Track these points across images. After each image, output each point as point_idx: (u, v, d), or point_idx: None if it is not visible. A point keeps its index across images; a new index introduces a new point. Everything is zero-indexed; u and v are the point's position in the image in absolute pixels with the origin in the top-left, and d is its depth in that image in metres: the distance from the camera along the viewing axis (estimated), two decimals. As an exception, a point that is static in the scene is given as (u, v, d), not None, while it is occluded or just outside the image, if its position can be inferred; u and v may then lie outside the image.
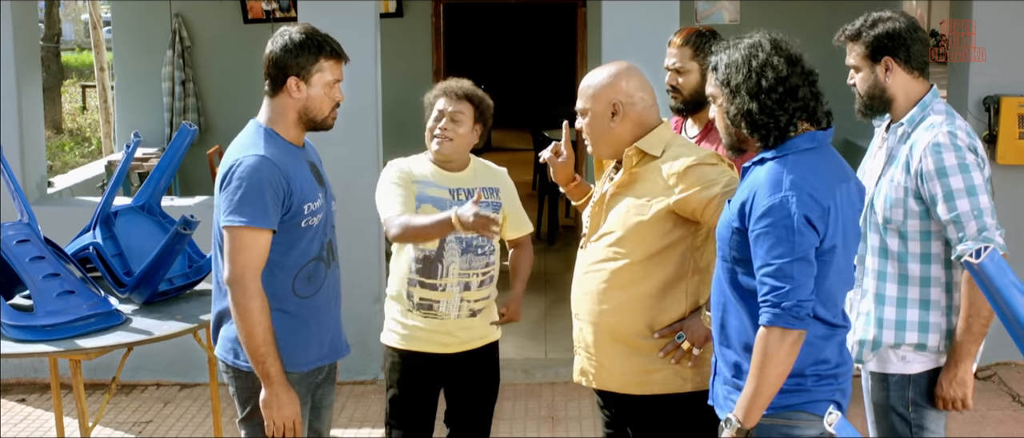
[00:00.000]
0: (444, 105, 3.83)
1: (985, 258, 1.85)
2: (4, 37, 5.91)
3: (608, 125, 3.40)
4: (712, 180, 3.22)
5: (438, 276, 3.80)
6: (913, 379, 3.31)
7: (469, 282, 3.84)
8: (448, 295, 3.82)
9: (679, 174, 3.26)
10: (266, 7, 9.33)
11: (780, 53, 2.82)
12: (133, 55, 9.67)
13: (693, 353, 3.31)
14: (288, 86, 3.27)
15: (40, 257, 3.97)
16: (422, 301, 3.82)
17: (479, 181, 3.92)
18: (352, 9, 5.81)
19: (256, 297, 3.17)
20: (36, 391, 6.07)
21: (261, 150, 3.21)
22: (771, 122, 2.81)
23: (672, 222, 3.28)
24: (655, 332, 3.33)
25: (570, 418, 5.63)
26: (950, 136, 3.18)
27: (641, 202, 3.31)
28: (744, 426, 2.78)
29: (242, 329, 3.19)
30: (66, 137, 16.66)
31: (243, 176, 3.17)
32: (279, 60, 3.27)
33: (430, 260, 3.79)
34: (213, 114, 9.63)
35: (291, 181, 3.23)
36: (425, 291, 3.81)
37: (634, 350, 3.37)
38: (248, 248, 3.16)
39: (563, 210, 10.19)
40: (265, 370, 3.20)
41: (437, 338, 3.86)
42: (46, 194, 6.49)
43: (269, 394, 3.23)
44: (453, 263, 3.79)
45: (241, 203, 3.16)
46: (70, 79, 21.40)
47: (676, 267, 3.32)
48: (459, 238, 3.77)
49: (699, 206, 3.22)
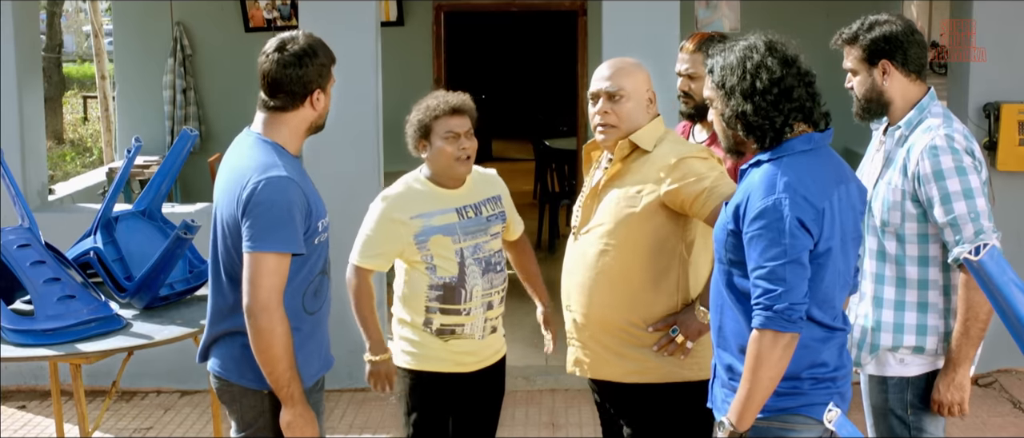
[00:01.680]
0: (457, 125, 3.69)
1: (984, 255, 1.86)
2: (5, 43, 5.93)
3: (645, 111, 3.44)
4: (702, 174, 3.26)
5: (462, 301, 3.71)
6: (911, 382, 3.31)
7: (491, 301, 3.79)
8: (473, 318, 3.74)
9: (669, 167, 3.29)
10: (267, 15, 9.35)
11: (775, 54, 2.83)
12: (134, 63, 9.68)
13: (687, 346, 3.35)
14: (312, 99, 3.21)
15: (41, 261, 3.97)
16: (444, 327, 3.72)
17: (479, 191, 3.84)
18: (353, 17, 5.81)
19: (282, 321, 3.09)
20: (36, 398, 6.07)
21: (282, 170, 3.11)
22: (766, 123, 2.81)
23: (663, 215, 3.31)
24: (649, 326, 3.36)
25: (571, 424, 5.62)
26: (947, 139, 3.18)
27: (632, 194, 3.34)
28: (738, 429, 2.78)
29: (268, 355, 3.10)
30: (67, 147, 16.68)
31: (271, 200, 3.06)
32: (304, 76, 3.17)
33: (452, 287, 3.69)
34: (214, 122, 9.64)
35: (310, 200, 3.17)
36: (448, 317, 3.71)
37: (626, 340, 3.40)
38: (274, 273, 3.07)
39: (564, 218, 10.17)
40: (290, 393, 3.14)
41: (458, 359, 3.78)
42: (47, 201, 6.50)
43: (293, 415, 3.17)
44: (476, 286, 3.71)
45: (270, 229, 3.05)
46: (71, 90, 21.44)
47: (666, 260, 3.35)
48: (478, 259, 3.71)
49: (688, 199, 3.25)
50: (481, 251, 3.75)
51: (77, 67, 25.50)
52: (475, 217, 3.76)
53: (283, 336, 3.10)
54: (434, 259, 3.67)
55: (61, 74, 17.61)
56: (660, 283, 3.36)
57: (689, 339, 3.34)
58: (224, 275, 3.21)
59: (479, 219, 3.77)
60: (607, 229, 3.38)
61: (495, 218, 3.83)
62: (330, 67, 3.25)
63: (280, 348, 3.09)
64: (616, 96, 3.41)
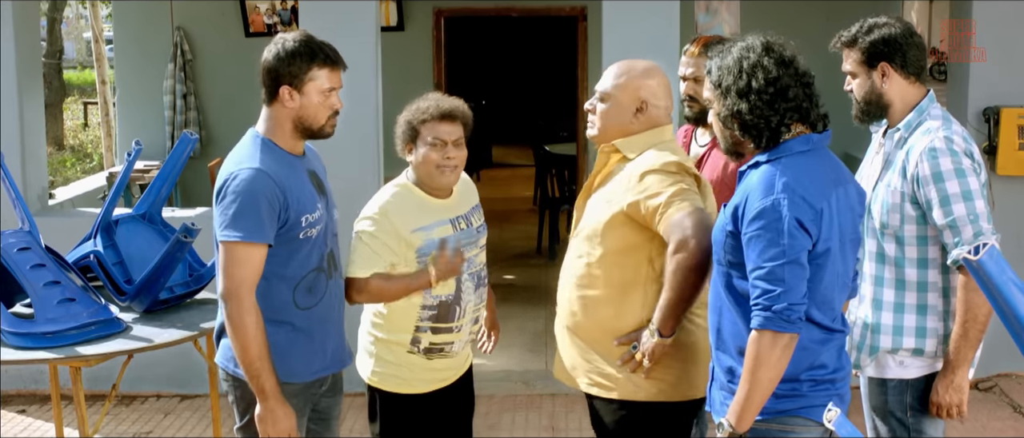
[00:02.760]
0: (445, 133, 3.54)
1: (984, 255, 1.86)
2: (5, 46, 5.93)
3: (629, 119, 3.37)
4: (657, 190, 3.16)
5: (455, 319, 3.62)
6: (911, 384, 3.31)
7: (479, 316, 3.75)
8: (462, 334, 3.67)
9: (635, 178, 3.23)
10: (268, 20, 9.36)
11: (771, 54, 2.83)
12: (135, 68, 9.69)
13: (644, 365, 3.25)
14: (281, 95, 3.24)
15: (41, 265, 3.96)
16: (433, 345, 3.61)
17: (465, 201, 3.75)
18: (353, 22, 5.82)
19: (251, 312, 3.14)
20: (36, 402, 6.06)
21: (257, 163, 3.18)
22: (761, 123, 2.81)
23: (628, 227, 3.25)
24: (615, 340, 3.31)
25: (570, 429, 5.62)
26: (946, 141, 3.19)
27: (605, 202, 3.31)
28: (737, 431, 2.78)
29: (237, 344, 3.16)
30: (68, 153, 16.69)
31: (238, 190, 3.14)
32: (272, 69, 3.23)
33: (447, 305, 3.58)
34: (214, 127, 9.64)
35: (287, 193, 3.19)
36: (439, 336, 3.61)
37: (589, 349, 3.37)
38: (243, 263, 3.13)
39: (564, 225, 10.18)
40: (260, 385, 3.18)
41: (441, 375, 3.71)
42: (47, 206, 6.50)
43: (264, 409, 3.21)
44: (470, 302, 3.65)
45: (236, 218, 3.13)
46: (72, 96, 21.45)
47: (632, 272, 3.28)
48: (471, 274, 3.64)
49: (647, 213, 3.18)
50: (474, 265, 3.66)
51: (77, 74, 25.54)
52: (467, 228, 3.66)
53: (252, 327, 3.14)
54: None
55: (62, 80, 17.63)
56: (625, 296, 3.29)
57: (647, 357, 3.23)
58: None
59: (471, 231, 3.68)
60: (585, 235, 3.36)
61: (483, 228, 3.76)
62: (307, 67, 3.22)
63: (248, 338, 3.14)
64: (603, 97, 3.40)
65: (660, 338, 3.19)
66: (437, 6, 9.91)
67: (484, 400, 4.08)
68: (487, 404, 5.77)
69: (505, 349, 6.58)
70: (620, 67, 3.43)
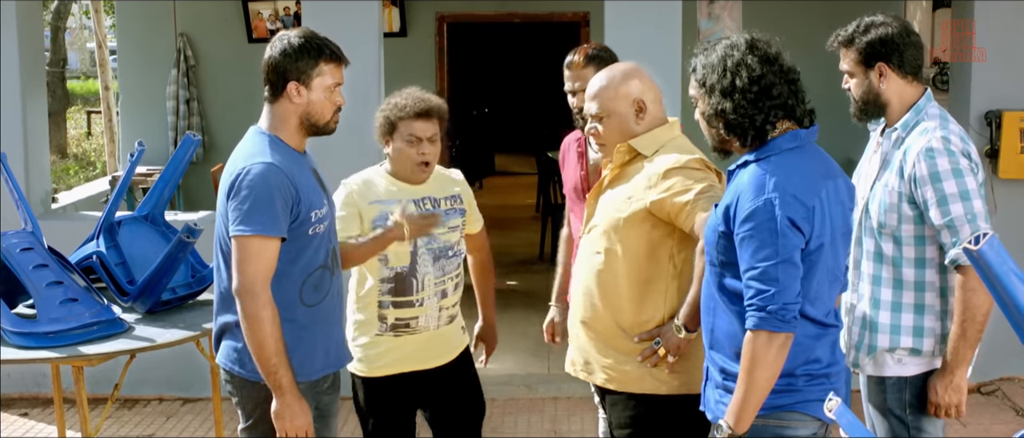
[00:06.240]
0: (420, 130, 3.70)
1: (984, 245, 1.85)
2: (8, 52, 5.95)
3: (633, 123, 3.38)
4: (687, 186, 3.20)
5: (414, 292, 3.72)
6: (910, 381, 3.31)
7: (445, 289, 3.79)
8: (426, 309, 3.74)
9: (658, 176, 3.25)
10: (270, 26, 9.39)
11: (755, 52, 2.82)
12: (138, 74, 9.72)
13: (668, 360, 3.29)
14: (288, 91, 3.24)
15: (43, 265, 3.97)
16: (398, 321, 3.73)
17: (441, 188, 3.85)
18: (355, 28, 5.83)
19: (268, 307, 3.13)
20: (38, 405, 6.07)
21: (268, 157, 3.18)
22: (746, 121, 2.81)
23: (649, 224, 3.27)
24: (635, 336, 3.33)
25: (573, 432, 5.62)
26: (944, 141, 3.19)
27: (623, 200, 3.32)
28: (736, 431, 2.77)
29: (253, 340, 3.14)
30: (71, 161, 16.72)
31: (252, 184, 3.13)
32: (279, 65, 3.23)
33: (403, 277, 3.70)
34: (217, 132, 9.67)
35: (299, 188, 3.20)
36: (401, 311, 3.72)
37: (610, 345, 3.38)
38: (258, 257, 3.12)
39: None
40: (277, 381, 3.16)
41: (415, 355, 3.77)
42: (50, 209, 6.51)
43: (281, 404, 3.19)
44: (427, 274, 3.72)
45: (251, 212, 3.11)
46: (75, 105, 21.49)
47: (653, 269, 3.31)
48: (430, 248, 3.72)
49: (673, 210, 3.21)
50: (436, 241, 3.74)
51: (81, 84, 25.60)
52: (433, 208, 3.76)
53: (268, 322, 3.12)
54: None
55: (65, 89, 17.67)
56: (646, 292, 3.32)
57: (670, 353, 3.27)
58: (223, 265, 3.27)
59: (435, 210, 3.76)
60: (600, 231, 3.37)
61: (453, 212, 3.83)
62: (315, 63, 3.23)
63: (265, 333, 3.12)
64: (600, 117, 3.40)
65: (686, 333, 3.23)
66: (440, 12, 9.93)
67: (486, 403, 4.09)
68: (489, 407, 5.71)
69: (508, 353, 6.59)
70: (601, 81, 3.41)
